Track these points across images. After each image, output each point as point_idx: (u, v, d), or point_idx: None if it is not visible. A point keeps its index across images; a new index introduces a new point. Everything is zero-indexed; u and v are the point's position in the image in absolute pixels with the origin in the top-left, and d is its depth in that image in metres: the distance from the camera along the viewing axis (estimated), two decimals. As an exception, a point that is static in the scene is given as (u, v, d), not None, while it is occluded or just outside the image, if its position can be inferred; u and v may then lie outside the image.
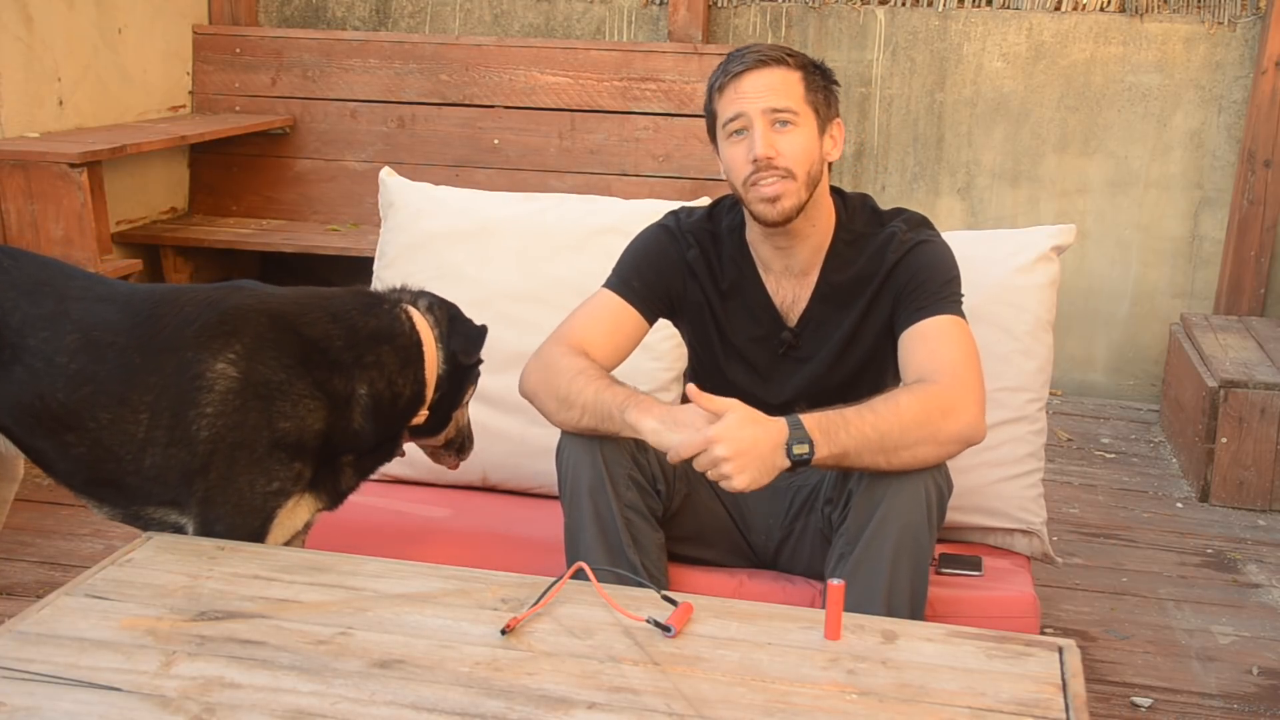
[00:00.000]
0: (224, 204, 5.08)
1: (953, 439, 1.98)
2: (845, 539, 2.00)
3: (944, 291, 2.11)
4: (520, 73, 4.85)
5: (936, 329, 2.08)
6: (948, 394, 1.98)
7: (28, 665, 1.55)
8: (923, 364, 2.05)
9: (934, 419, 1.95)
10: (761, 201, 2.10)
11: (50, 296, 2.04)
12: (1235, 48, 4.65)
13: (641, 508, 2.07)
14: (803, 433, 1.88)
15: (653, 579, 2.00)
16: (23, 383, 2.00)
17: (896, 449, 1.93)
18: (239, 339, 1.97)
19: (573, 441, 2.07)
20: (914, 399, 1.96)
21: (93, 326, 2.01)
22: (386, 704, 1.49)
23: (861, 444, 1.91)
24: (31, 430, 2.04)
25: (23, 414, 2.02)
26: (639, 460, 2.07)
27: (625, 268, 2.24)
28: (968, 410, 1.99)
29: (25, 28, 4.13)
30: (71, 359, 1.99)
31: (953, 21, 4.83)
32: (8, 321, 2.01)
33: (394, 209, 2.81)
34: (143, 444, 1.97)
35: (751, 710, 1.50)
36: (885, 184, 4.94)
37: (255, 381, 1.95)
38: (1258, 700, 2.75)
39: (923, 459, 1.96)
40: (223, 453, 1.94)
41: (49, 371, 1.99)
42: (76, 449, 2.01)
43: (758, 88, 2.09)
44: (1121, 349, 4.91)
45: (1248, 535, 3.65)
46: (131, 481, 2.00)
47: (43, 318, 2.01)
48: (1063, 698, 1.55)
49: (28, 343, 2.00)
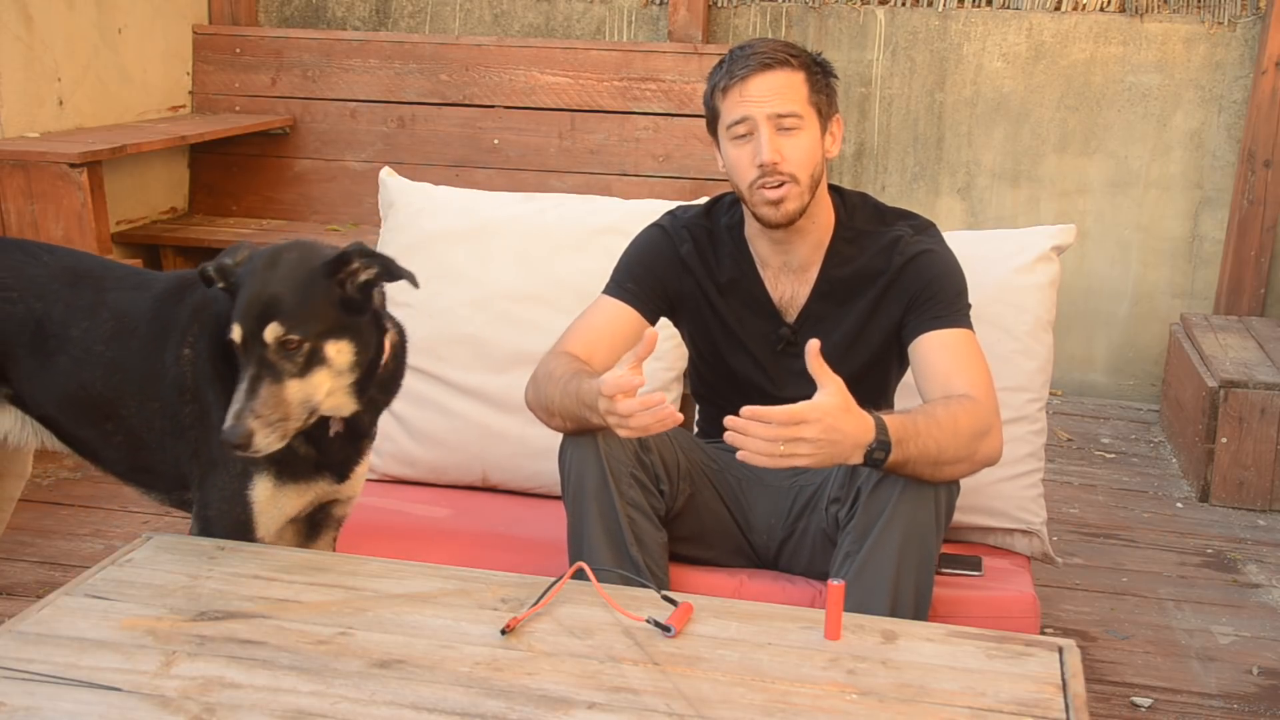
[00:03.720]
0: (224, 204, 5.08)
1: (984, 460, 2.01)
2: (852, 537, 2.00)
3: (959, 303, 2.13)
4: (520, 73, 4.85)
5: (959, 342, 2.10)
6: (987, 415, 2.01)
7: (28, 665, 1.55)
8: (952, 377, 2.05)
9: (976, 438, 1.98)
10: (766, 204, 2.11)
11: (90, 287, 2.10)
12: (1235, 48, 4.65)
13: (645, 507, 2.07)
14: (886, 439, 1.87)
15: (655, 579, 2.00)
16: (67, 373, 2.06)
17: (943, 464, 1.95)
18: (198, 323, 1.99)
19: (575, 441, 2.07)
20: (968, 416, 1.97)
21: (125, 314, 2.06)
22: (386, 704, 1.49)
23: (922, 455, 1.92)
24: (76, 420, 2.10)
25: (68, 404, 2.08)
26: (642, 459, 2.07)
27: (620, 271, 2.26)
28: (998, 433, 2.03)
29: (25, 28, 4.13)
30: (107, 347, 2.04)
31: (953, 21, 4.83)
32: (50, 314, 2.07)
33: (394, 209, 2.81)
34: (161, 432, 2.01)
35: (751, 710, 1.50)
36: (885, 184, 4.94)
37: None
38: (1258, 700, 2.75)
39: (955, 475, 2.00)
40: (204, 439, 1.95)
41: (89, 360, 2.04)
42: (115, 437, 2.06)
43: (763, 91, 2.09)
44: (1121, 349, 4.91)
45: (1248, 535, 3.65)
46: (162, 468, 2.05)
47: (83, 308, 2.07)
48: (1063, 698, 1.55)
49: (70, 333, 2.06)
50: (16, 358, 2.09)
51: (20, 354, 2.09)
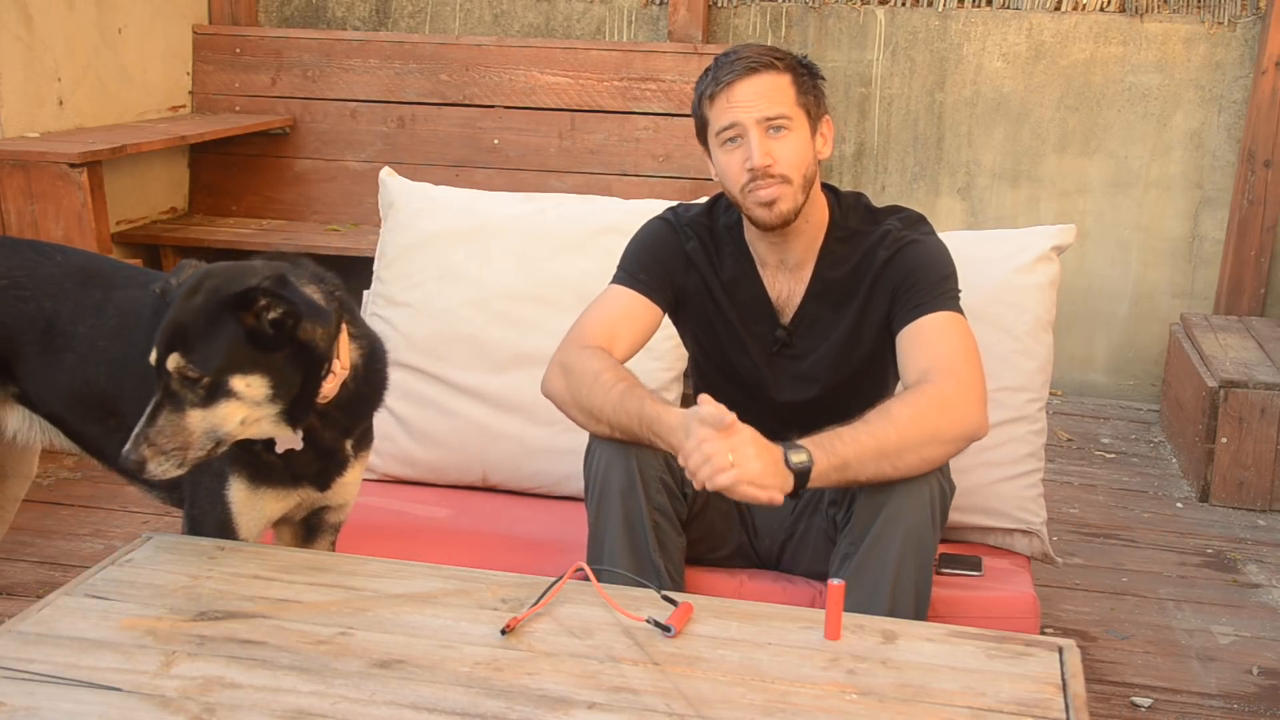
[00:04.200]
0: (224, 204, 5.08)
1: (957, 436, 1.98)
2: (849, 540, 2.00)
3: (940, 288, 2.12)
4: (520, 73, 4.85)
5: (933, 326, 2.08)
6: (946, 391, 1.98)
7: (28, 665, 1.55)
8: (920, 363, 2.05)
9: (932, 418, 1.96)
10: (759, 206, 2.11)
11: (99, 286, 2.12)
12: (1235, 48, 4.65)
13: (669, 511, 2.07)
14: (798, 447, 1.90)
15: (674, 584, 2.01)
16: (73, 369, 2.08)
17: (899, 452, 1.94)
18: None
19: (605, 443, 2.06)
20: (907, 403, 1.98)
21: (129, 311, 2.07)
22: (386, 704, 1.49)
23: (861, 452, 1.91)
24: (82, 416, 2.11)
25: (75, 400, 2.10)
26: (670, 462, 2.04)
27: (629, 261, 2.25)
28: (968, 406, 1.99)
29: (25, 28, 4.13)
30: (111, 342, 2.06)
31: (953, 21, 4.83)
32: (60, 312, 2.09)
33: (394, 209, 2.81)
34: None
35: (751, 710, 1.50)
36: (885, 184, 4.94)
37: None
38: (1258, 700, 2.75)
39: (930, 459, 1.97)
40: None
41: (94, 356, 2.06)
42: (118, 434, 2.04)
43: (750, 95, 2.09)
44: (1121, 349, 4.90)
45: (1248, 535, 3.65)
46: None
47: (92, 306, 2.09)
48: (1063, 698, 1.55)
49: (78, 330, 2.08)
50: (25, 356, 2.10)
51: (30, 352, 2.10)
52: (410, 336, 2.69)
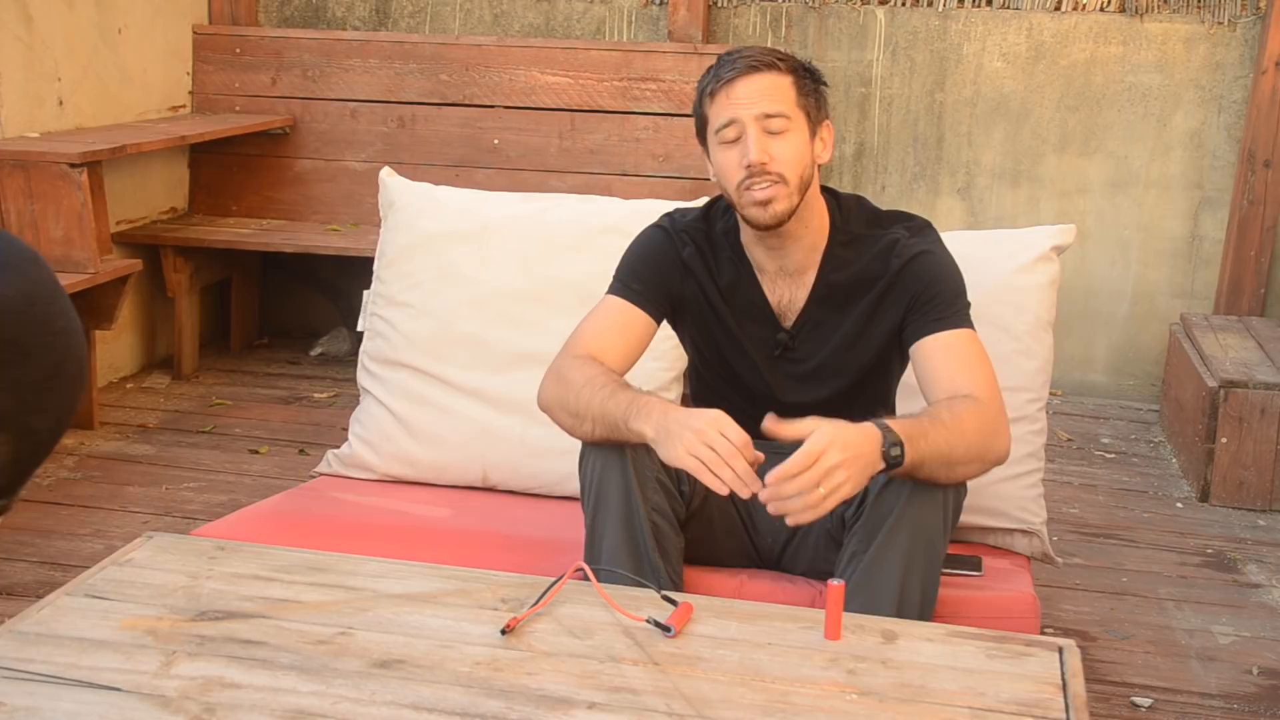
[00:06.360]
0: (224, 204, 5.08)
1: (995, 459, 2.02)
2: (859, 537, 2.00)
3: (958, 304, 2.13)
4: (520, 73, 4.85)
5: (959, 344, 2.09)
6: (996, 415, 2.01)
7: (28, 665, 1.55)
8: (955, 379, 2.05)
9: (987, 438, 1.98)
10: (754, 205, 2.10)
11: None
12: (1235, 48, 4.65)
13: (667, 511, 2.06)
14: (894, 435, 1.87)
15: (674, 585, 2.00)
16: None
17: (956, 464, 1.95)
18: None
19: (598, 445, 2.05)
20: (974, 416, 1.97)
21: None
22: (386, 704, 1.49)
23: (934, 455, 1.91)
24: None
25: None
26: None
27: (624, 271, 2.24)
28: (1007, 433, 2.03)
29: (25, 28, 4.13)
30: None
31: (953, 21, 4.83)
32: None
33: (394, 209, 2.81)
34: None
35: (751, 710, 1.50)
36: (885, 184, 4.94)
37: None
38: (1258, 700, 2.75)
39: (967, 476, 2.01)
40: None
41: None
42: None
43: (750, 93, 2.09)
44: (1121, 349, 4.91)
45: (1248, 535, 3.65)
46: None
47: None
48: (1063, 698, 1.55)
49: None
50: None
51: None
52: (410, 336, 2.69)
